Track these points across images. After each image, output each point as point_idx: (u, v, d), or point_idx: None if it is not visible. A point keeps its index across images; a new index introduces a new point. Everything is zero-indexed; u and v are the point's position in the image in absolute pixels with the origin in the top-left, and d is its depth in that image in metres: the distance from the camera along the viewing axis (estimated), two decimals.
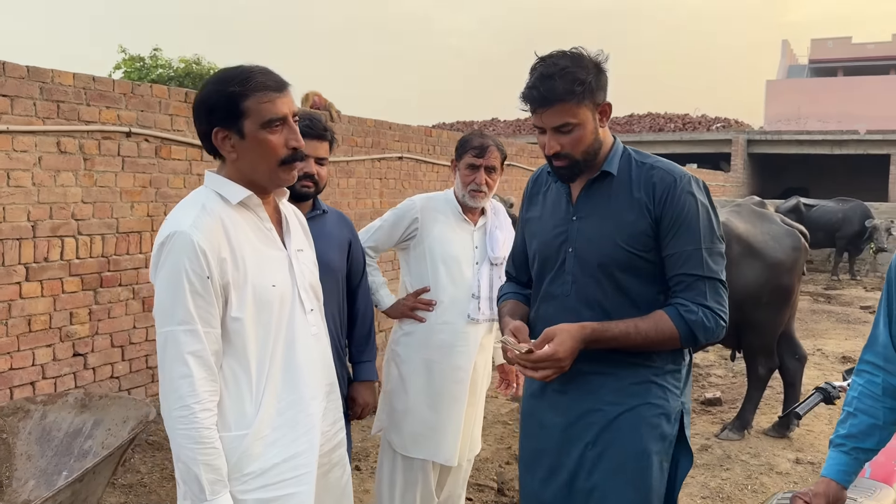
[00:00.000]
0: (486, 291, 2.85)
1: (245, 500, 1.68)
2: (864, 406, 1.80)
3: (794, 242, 4.77)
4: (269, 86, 1.70)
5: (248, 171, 1.73)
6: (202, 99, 1.74)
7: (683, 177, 1.97)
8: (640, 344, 1.93)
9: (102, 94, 4.49)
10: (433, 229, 2.86)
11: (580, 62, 1.91)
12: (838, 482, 1.78)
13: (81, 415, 3.08)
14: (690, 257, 1.93)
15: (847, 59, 39.91)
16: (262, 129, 1.68)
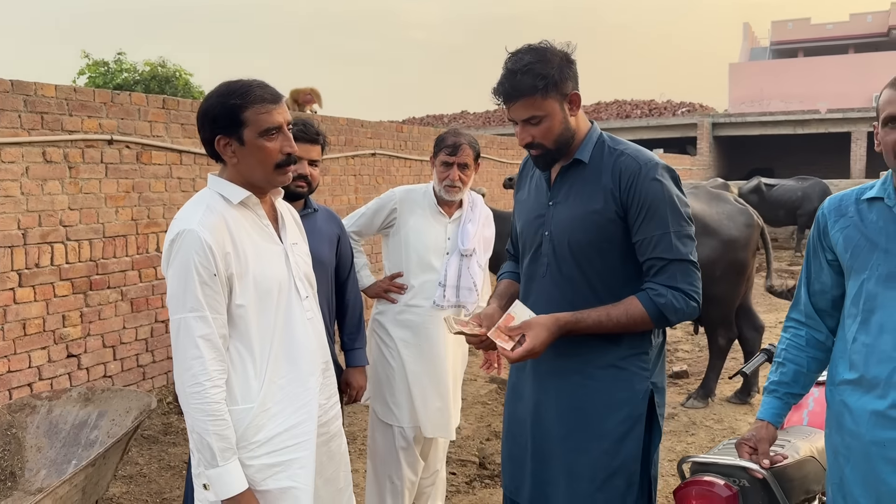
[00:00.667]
0: (453, 280, 3.07)
1: (252, 465, 1.89)
2: (791, 356, 2.05)
3: (747, 220, 5.08)
4: (266, 98, 1.91)
5: (248, 174, 1.94)
6: (206, 110, 1.94)
7: (649, 163, 2.02)
8: (612, 329, 2.01)
9: (84, 104, 4.66)
10: (409, 220, 3.11)
11: (544, 56, 1.99)
12: (773, 423, 2.04)
13: (86, 408, 3.27)
14: (660, 241, 1.99)
15: (807, 40, 40.67)
16: (260, 137, 1.89)
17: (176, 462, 4.32)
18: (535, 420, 2.19)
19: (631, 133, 25.69)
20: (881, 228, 1.81)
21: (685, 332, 7.55)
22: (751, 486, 2.05)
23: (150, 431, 4.76)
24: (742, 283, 5.10)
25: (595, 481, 2.07)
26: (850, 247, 1.86)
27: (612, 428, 2.07)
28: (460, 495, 3.91)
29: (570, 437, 2.11)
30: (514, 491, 2.27)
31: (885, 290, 1.78)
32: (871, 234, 1.82)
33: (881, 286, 1.78)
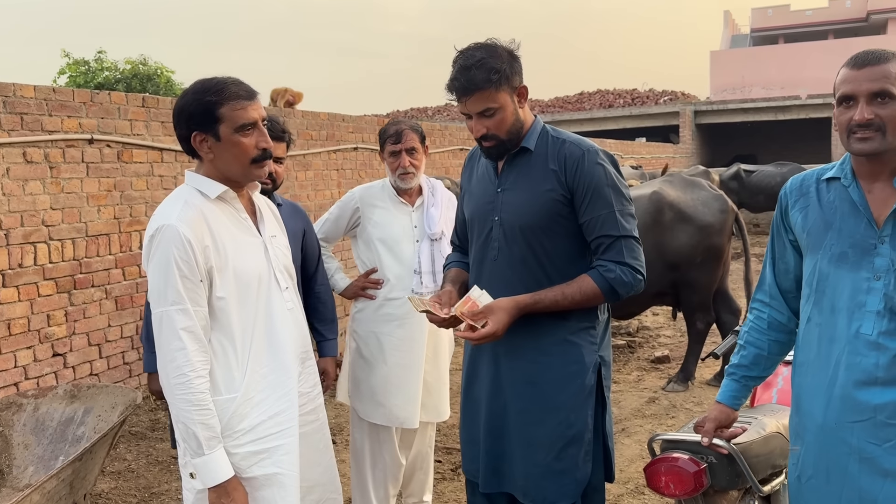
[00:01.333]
0: (428, 266, 3.09)
1: (237, 453, 1.94)
2: (752, 339, 2.07)
3: (722, 206, 5.17)
4: (241, 95, 1.96)
5: (224, 169, 1.99)
6: (182, 107, 1.99)
7: (591, 149, 2.19)
8: (568, 306, 2.16)
9: (63, 104, 4.67)
10: (373, 216, 3.14)
11: (494, 52, 2.13)
12: (728, 405, 2.08)
13: (72, 404, 3.31)
14: (606, 220, 2.15)
15: (787, 27, 40.89)
16: (236, 133, 1.94)
17: (164, 457, 4.37)
18: (491, 398, 2.29)
19: (614, 122, 25.81)
20: (836, 208, 1.82)
21: (668, 317, 7.66)
22: (718, 462, 2.13)
23: (138, 428, 4.80)
24: (719, 267, 5.19)
25: (552, 451, 2.20)
26: (807, 226, 1.87)
27: (565, 399, 2.21)
28: (446, 482, 3.98)
29: (526, 410, 2.23)
30: (473, 472, 2.38)
31: (836, 269, 1.79)
32: (827, 213, 1.83)
33: (833, 266, 1.79)
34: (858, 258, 1.76)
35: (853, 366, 1.74)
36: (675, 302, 5.41)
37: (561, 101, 29.92)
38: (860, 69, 1.71)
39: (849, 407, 1.75)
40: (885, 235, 1.73)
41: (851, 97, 1.72)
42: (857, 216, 1.77)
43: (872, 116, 1.69)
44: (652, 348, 6.63)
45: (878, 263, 1.73)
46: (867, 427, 1.72)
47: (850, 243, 1.77)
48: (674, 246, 5.06)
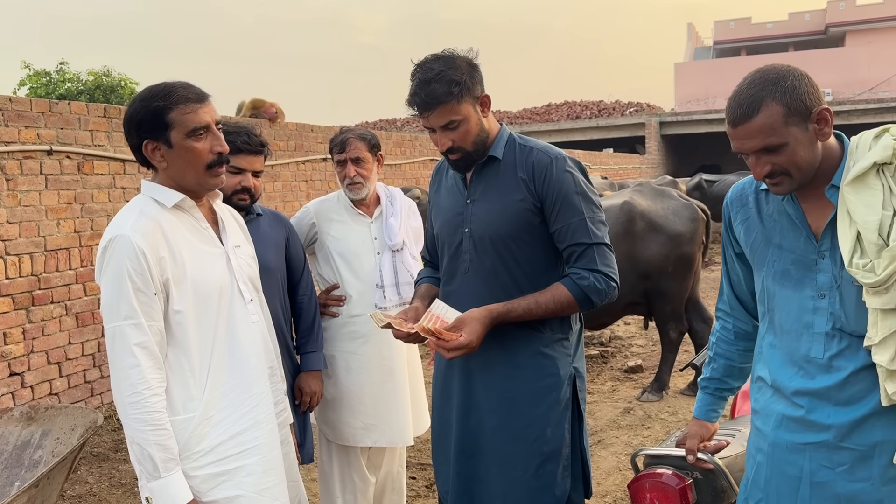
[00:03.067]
0: (390, 279, 2.95)
1: (197, 475, 1.85)
2: (721, 350, 2.02)
3: (692, 215, 5.18)
4: (191, 98, 1.87)
5: (179, 177, 1.89)
6: (130, 115, 1.90)
7: (559, 157, 2.15)
8: (542, 315, 2.10)
9: (20, 114, 4.52)
10: (330, 230, 2.99)
11: (453, 63, 2.07)
12: (706, 420, 2.03)
13: (28, 427, 3.16)
14: (577, 228, 2.10)
15: (749, 39, 41.73)
16: (188, 138, 1.85)
17: (127, 479, 4.21)
18: (463, 416, 2.23)
19: (581, 133, 26.03)
20: (775, 222, 1.72)
21: (640, 327, 7.66)
22: (703, 478, 2.08)
23: (100, 449, 4.63)
24: (690, 276, 5.19)
25: (529, 468, 2.14)
26: (749, 241, 1.79)
27: (541, 413, 2.15)
28: (420, 500, 3.89)
29: (502, 427, 2.16)
30: (444, 495, 2.31)
31: (781, 288, 1.70)
32: (767, 227, 1.74)
33: (777, 284, 1.71)
34: (801, 275, 1.66)
35: (805, 388, 1.66)
36: (647, 311, 5.40)
37: (529, 112, 30.10)
38: (735, 127, 1.58)
39: (801, 428, 1.67)
40: (825, 250, 1.62)
41: (742, 153, 1.62)
42: (796, 230, 1.67)
43: (769, 168, 1.59)
44: (625, 358, 6.61)
45: (821, 280, 1.63)
46: (819, 450, 1.65)
47: (791, 259, 1.68)
48: (645, 255, 5.05)
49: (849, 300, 1.59)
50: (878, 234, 1.50)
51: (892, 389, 1.53)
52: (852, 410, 1.60)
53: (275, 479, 1.97)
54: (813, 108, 1.55)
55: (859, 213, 1.52)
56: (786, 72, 1.57)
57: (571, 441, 2.21)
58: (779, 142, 1.55)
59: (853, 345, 1.60)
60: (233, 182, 2.54)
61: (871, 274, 1.50)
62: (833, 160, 1.62)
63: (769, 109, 1.54)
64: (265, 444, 1.96)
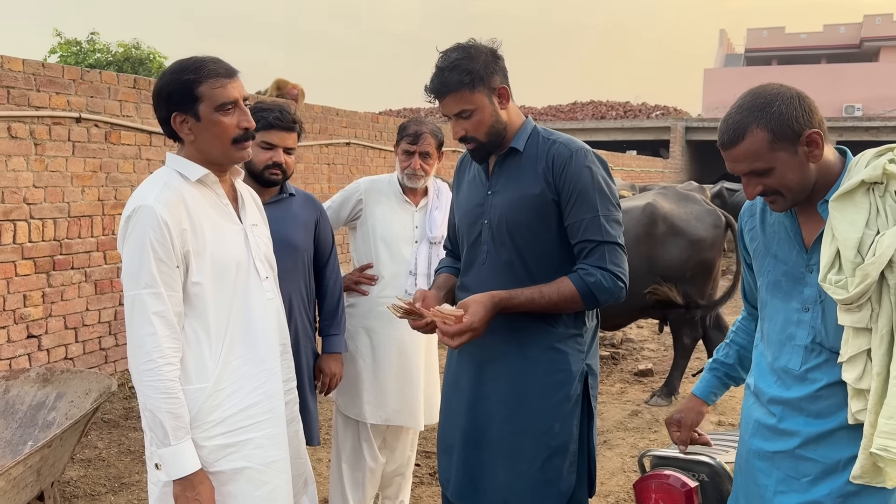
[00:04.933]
0: (424, 269, 3.01)
1: (206, 445, 1.87)
2: (738, 339, 2.05)
3: (715, 221, 5.14)
4: (220, 73, 1.90)
5: (205, 150, 1.92)
6: (160, 87, 1.92)
7: (580, 151, 2.13)
8: (545, 307, 2.09)
9: (52, 80, 4.56)
10: (375, 210, 3.07)
11: (471, 53, 2.08)
12: (704, 399, 2.05)
13: (44, 388, 3.21)
14: (590, 225, 2.09)
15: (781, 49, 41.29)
16: (216, 112, 1.88)
17: (136, 447, 4.26)
18: (471, 407, 2.23)
19: (605, 134, 25.90)
20: (774, 233, 1.75)
21: (651, 330, 7.63)
22: (710, 480, 2.08)
23: (111, 415, 4.69)
24: (709, 283, 5.16)
25: (536, 462, 2.14)
26: (752, 249, 1.83)
27: (551, 408, 2.15)
28: (423, 486, 3.91)
29: (510, 419, 2.16)
30: (446, 483, 2.31)
31: (772, 298, 1.73)
32: (768, 238, 1.77)
33: (769, 294, 1.74)
34: (790, 287, 1.68)
35: (779, 397, 1.68)
36: (662, 316, 5.37)
37: (554, 109, 29.98)
38: (725, 150, 1.62)
39: (773, 436, 1.70)
40: (813, 264, 1.63)
41: (734, 174, 1.66)
42: (790, 243, 1.70)
43: (760, 188, 1.62)
44: (635, 361, 6.59)
45: (807, 294, 1.65)
46: (787, 459, 1.67)
47: (783, 271, 1.70)
48: (665, 259, 5.02)
49: (830, 315, 1.60)
50: (856, 251, 1.51)
51: (855, 408, 1.54)
52: (821, 423, 1.62)
53: (281, 454, 2.00)
54: (802, 131, 1.56)
55: (840, 230, 1.53)
56: (774, 96, 1.58)
57: (579, 438, 2.20)
58: (765, 167, 1.58)
59: (830, 360, 1.61)
60: (264, 157, 2.57)
61: (842, 291, 1.51)
62: (832, 177, 1.63)
63: (753, 136, 1.56)
64: (274, 419, 1.99)
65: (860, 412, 1.53)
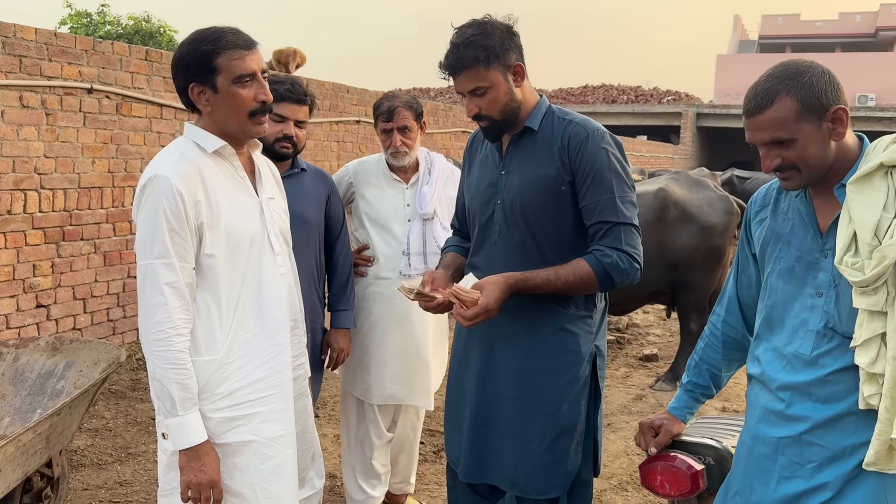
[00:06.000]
0: (417, 247, 2.94)
1: (213, 417, 1.88)
2: (707, 357, 2.01)
3: (727, 207, 5.11)
4: (239, 44, 1.88)
5: (222, 122, 1.91)
6: (179, 57, 1.91)
7: (596, 131, 2.11)
8: (561, 289, 2.07)
9: (64, 50, 4.55)
10: (366, 192, 2.99)
11: (486, 29, 2.05)
12: (680, 419, 2.04)
13: (53, 357, 3.23)
14: (605, 206, 2.07)
15: (795, 36, 40.87)
16: (234, 84, 1.86)
17: (143, 418, 4.30)
18: (480, 386, 2.23)
19: (616, 118, 25.75)
20: (788, 220, 1.73)
21: (658, 316, 7.63)
22: (716, 463, 2.08)
23: (118, 386, 4.73)
24: (718, 269, 5.14)
25: (544, 441, 2.15)
26: (761, 239, 1.80)
27: (560, 389, 2.15)
28: (427, 464, 3.93)
29: (520, 398, 2.16)
30: (455, 460, 2.32)
31: (784, 284, 1.70)
32: (780, 224, 1.74)
33: (781, 280, 1.71)
34: (804, 273, 1.67)
35: (788, 382, 1.67)
36: (670, 301, 5.36)
37: (565, 92, 29.82)
38: (749, 118, 1.60)
39: (780, 422, 1.68)
40: (828, 248, 1.62)
41: (754, 144, 1.63)
42: (805, 228, 1.68)
43: (779, 161, 1.59)
44: (641, 346, 6.59)
45: (821, 279, 1.63)
46: (793, 445, 1.66)
47: (796, 256, 1.68)
48: (675, 245, 5.00)
49: (844, 300, 1.59)
50: (873, 234, 1.50)
51: (868, 392, 1.53)
52: (829, 408, 1.61)
53: (287, 429, 2.00)
54: (829, 106, 1.55)
55: (858, 212, 1.52)
56: (806, 68, 1.57)
57: (586, 418, 2.21)
58: (788, 136, 1.56)
59: (842, 345, 1.60)
60: (275, 130, 2.56)
61: (859, 273, 1.50)
62: (849, 160, 1.61)
63: (782, 103, 1.55)
64: (281, 394, 1.99)
65: (872, 396, 1.52)
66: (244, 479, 1.92)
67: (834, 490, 1.60)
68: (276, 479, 1.96)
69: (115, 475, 3.64)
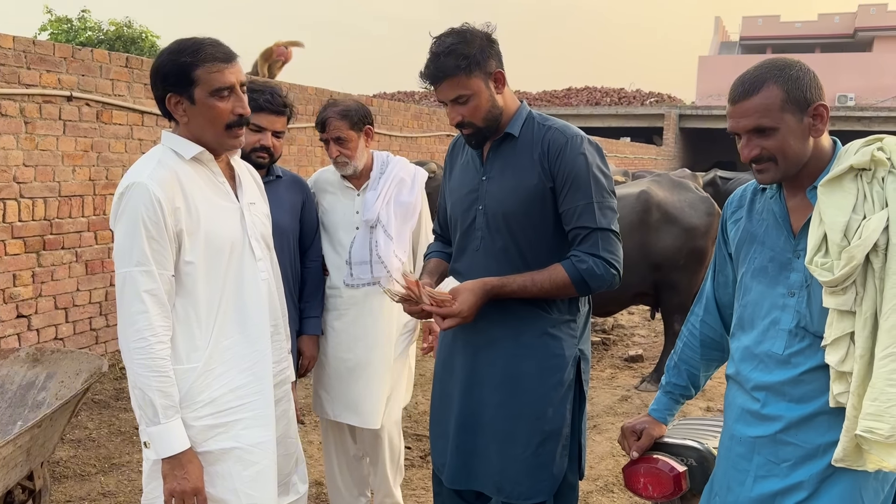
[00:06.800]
0: (360, 256, 2.84)
1: (195, 425, 1.87)
2: (686, 357, 2.04)
3: (708, 208, 5.16)
4: (219, 57, 1.87)
5: (198, 133, 1.90)
6: (157, 67, 1.90)
7: (575, 137, 2.11)
8: (537, 294, 2.09)
9: (43, 58, 4.51)
10: (323, 200, 2.94)
11: (465, 38, 2.06)
12: (661, 421, 2.05)
13: (34, 368, 3.19)
14: (584, 212, 2.08)
15: (776, 37, 41.23)
16: (211, 97, 1.86)
17: (126, 428, 4.26)
18: (465, 392, 2.23)
19: (599, 120, 25.86)
20: (762, 220, 1.75)
21: (642, 317, 7.67)
22: (698, 465, 2.09)
23: (102, 396, 4.69)
24: (701, 270, 5.17)
25: (529, 446, 2.15)
26: (736, 239, 1.82)
27: (544, 393, 2.15)
28: (415, 469, 3.93)
29: (505, 404, 2.17)
30: (440, 466, 2.32)
31: (757, 284, 1.73)
32: (755, 225, 1.77)
33: (755, 280, 1.74)
34: (776, 272, 1.70)
35: (763, 382, 1.69)
36: (654, 302, 5.39)
37: (548, 94, 29.89)
38: (734, 105, 1.63)
39: (755, 422, 1.71)
40: (801, 249, 1.65)
41: (736, 133, 1.65)
42: (778, 228, 1.71)
43: (758, 151, 1.62)
44: (626, 347, 6.62)
45: (794, 279, 1.66)
46: (768, 444, 1.68)
47: (769, 256, 1.72)
48: (658, 246, 5.04)
49: (816, 300, 1.62)
50: (843, 234, 1.53)
51: (837, 390, 1.56)
52: (802, 407, 1.63)
53: (269, 435, 1.99)
54: (812, 101, 1.60)
55: (828, 214, 1.55)
56: (794, 62, 1.63)
57: (572, 422, 2.22)
58: (771, 124, 1.59)
59: (814, 344, 1.63)
60: (252, 139, 2.55)
61: (828, 273, 1.53)
62: (822, 162, 1.65)
63: (769, 91, 1.59)
64: (262, 400, 1.98)
65: (842, 394, 1.55)
66: (227, 485, 1.91)
67: (809, 489, 1.62)
68: (260, 485, 1.96)
69: (99, 486, 3.61)
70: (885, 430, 1.46)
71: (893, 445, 1.47)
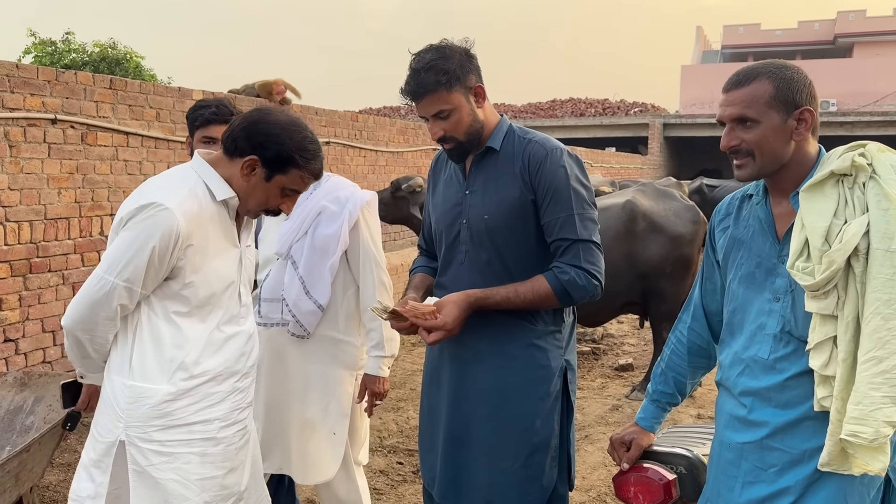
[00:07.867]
0: (270, 292, 2.60)
1: (141, 447, 1.86)
2: (673, 365, 2.02)
3: (694, 217, 5.20)
4: (314, 172, 1.99)
5: (241, 192, 1.96)
6: (273, 134, 1.92)
7: (555, 150, 2.14)
8: (520, 305, 2.11)
9: (26, 81, 4.51)
10: (262, 230, 2.75)
11: (445, 53, 2.09)
12: (649, 429, 2.05)
13: (22, 393, 3.18)
14: (565, 223, 2.11)
15: (757, 45, 41.66)
16: (282, 189, 1.97)
17: None
18: (453, 406, 2.24)
19: (585, 131, 26.01)
20: (748, 227, 1.78)
21: (632, 326, 7.69)
22: (688, 472, 2.10)
23: (90, 419, 4.64)
24: (688, 278, 5.21)
25: (519, 458, 2.16)
26: (723, 246, 1.85)
27: (532, 405, 2.17)
28: (406, 484, 3.92)
29: (492, 417, 2.18)
30: (430, 481, 2.33)
31: (745, 290, 1.75)
32: (741, 232, 1.79)
33: (742, 286, 1.76)
34: (763, 278, 1.72)
35: (749, 388, 1.71)
36: (643, 311, 5.42)
37: (533, 107, 30.06)
38: (725, 93, 1.67)
39: (743, 427, 1.72)
40: (785, 255, 1.67)
41: (722, 122, 1.69)
42: (764, 234, 1.73)
43: (737, 142, 1.66)
44: (616, 356, 6.64)
45: (779, 284, 1.68)
46: (755, 450, 1.69)
47: (756, 262, 1.74)
48: (645, 255, 5.07)
49: (800, 305, 1.64)
50: (824, 239, 1.55)
51: (821, 395, 1.58)
52: (788, 413, 1.65)
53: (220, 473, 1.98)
54: (800, 104, 1.63)
55: (809, 219, 1.58)
56: (792, 65, 1.67)
57: (560, 433, 2.23)
58: (754, 116, 1.63)
59: (799, 349, 1.64)
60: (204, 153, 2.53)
61: (809, 277, 1.56)
62: (807, 167, 1.68)
63: (759, 84, 1.63)
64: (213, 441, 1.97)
65: (826, 399, 1.56)
66: None
67: (796, 494, 1.63)
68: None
69: None
70: (868, 433, 1.47)
71: (877, 449, 1.49)
